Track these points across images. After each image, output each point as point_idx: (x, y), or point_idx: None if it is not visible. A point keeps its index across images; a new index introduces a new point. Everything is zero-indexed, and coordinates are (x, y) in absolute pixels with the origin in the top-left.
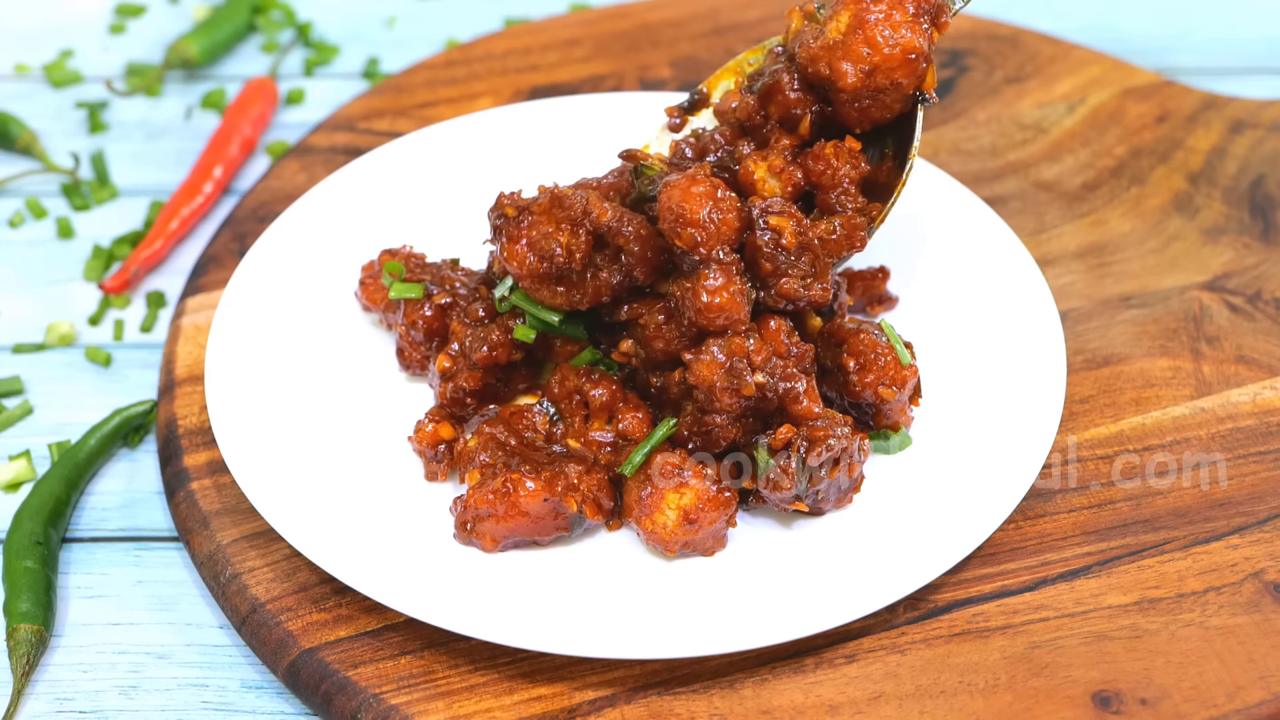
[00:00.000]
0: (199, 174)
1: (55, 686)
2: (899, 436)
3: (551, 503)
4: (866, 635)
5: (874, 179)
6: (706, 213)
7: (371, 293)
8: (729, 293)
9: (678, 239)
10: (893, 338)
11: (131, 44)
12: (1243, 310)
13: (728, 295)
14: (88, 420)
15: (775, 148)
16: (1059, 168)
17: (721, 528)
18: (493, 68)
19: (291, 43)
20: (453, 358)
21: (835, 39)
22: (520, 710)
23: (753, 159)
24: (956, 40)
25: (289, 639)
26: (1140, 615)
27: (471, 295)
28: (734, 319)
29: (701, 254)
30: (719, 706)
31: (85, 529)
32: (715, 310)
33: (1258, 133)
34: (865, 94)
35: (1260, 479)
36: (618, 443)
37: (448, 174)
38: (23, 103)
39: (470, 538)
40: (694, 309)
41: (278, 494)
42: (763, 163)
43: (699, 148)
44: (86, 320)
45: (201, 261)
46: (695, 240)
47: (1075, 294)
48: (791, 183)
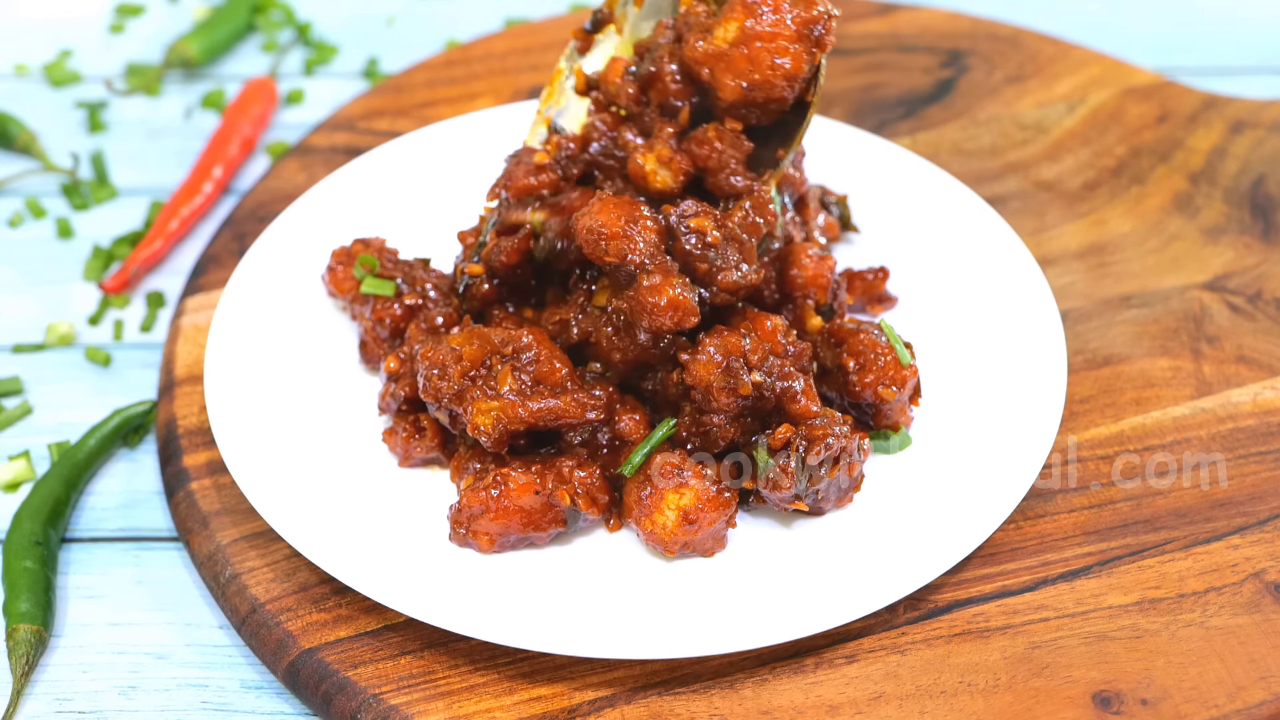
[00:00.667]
0: (199, 174)
1: (55, 686)
2: (899, 436)
3: (543, 495)
4: (866, 635)
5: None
6: (624, 224)
7: (340, 280)
8: (673, 289)
9: (605, 255)
10: (892, 338)
11: (131, 44)
12: (1243, 310)
13: (673, 292)
14: (87, 420)
15: (659, 136)
16: (1059, 168)
17: (721, 528)
18: (493, 68)
19: (291, 43)
20: (401, 361)
21: (721, 48)
22: (520, 710)
23: (641, 152)
24: (956, 40)
25: (289, 639)
26: (1141, 615)
27: (444, 301)
28: (686, 311)
29: (634, 261)
30: (719, 706)
31: (85, 529)
32: (665, 309)
33: (1258, 133)
34: (743, 106)
35: (1260, 479)
36: (615, 443)
37: (448, 174)
38: (23, 103)
39: (467, 539)
40: (645, 314)
41: (277, 494)
42: (650, 154)
43: (582, 138)
44: (86, 320)
45: (201, 261)
46: (623, 250)
47: (1075, 294)
48: (682, 171)
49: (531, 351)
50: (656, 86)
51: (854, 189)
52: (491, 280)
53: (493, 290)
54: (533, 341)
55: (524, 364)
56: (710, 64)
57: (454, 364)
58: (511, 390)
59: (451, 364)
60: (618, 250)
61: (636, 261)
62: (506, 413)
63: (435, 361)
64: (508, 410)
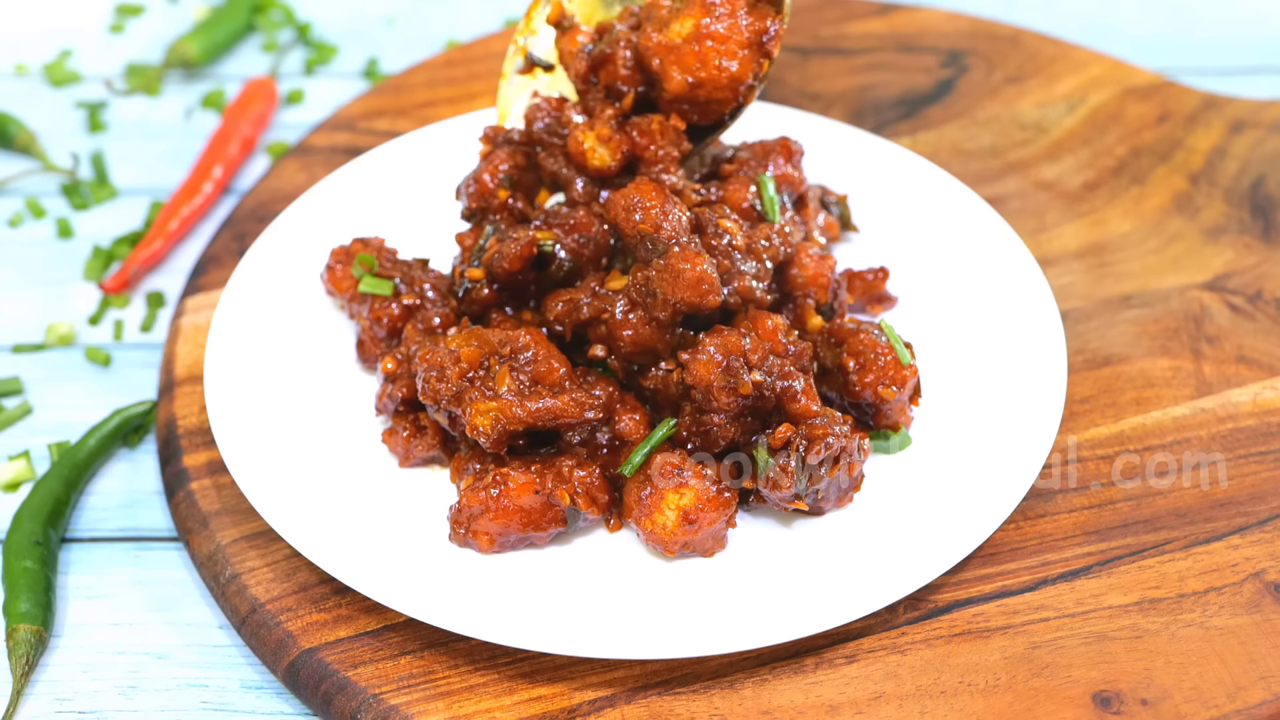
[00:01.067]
0: (199, 174)
1: (55, 686)
2: (899, 436)
3: (543, 495)
4: (866, 635)
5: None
6: (661, 200)
7: (338, 279)
8: (703, 264)
9: (641, 224)
10: (892, 338)
11: (131, 44)
12: (1243, 310)
13: (703, 266)
14: (87, 420)
15: (600, 116)
16: (1059, 168)
17: (721, 528)
18: (493, 68)
19: (291, 43)
20: (398, 362)
21: (675, 41)
22: (520, 710)
23: (581, 130)
24: (956, 40)
25: (289, 639)
26: (1141, 615)
27: (442, 301)
28: (712, 287)
29: (667, 233)
30: (719, 706)
31: (85, 529)
32: (694, 280)
33: (1258, 133)
34: (685, 100)
35: (1260, 479)
36: (615, 443)
37: (448, 174)
38: (23, 103)
39: (467, 539)
40: (672, 281)
41: (277, 494)
42: (590, 133)
43: (528, 116)
44: (86, 320)
45: (201, 261)
46: (658, 221)
47: (1075, 294)
48: (620, 150)
49: (529, 352)
50: (607, 68)
51: (854, 189)
52: (491, 285)
53: (492, 295)
54: (530, 341)
55: (522, 364)
56: (661, 55)
57: (452, 365)
58: (509, 390)
59: (450, 365)
60: (653, 220)
61: (670, 233)
62: (505, 413)
63: (434, 363)
64: (506, 410)
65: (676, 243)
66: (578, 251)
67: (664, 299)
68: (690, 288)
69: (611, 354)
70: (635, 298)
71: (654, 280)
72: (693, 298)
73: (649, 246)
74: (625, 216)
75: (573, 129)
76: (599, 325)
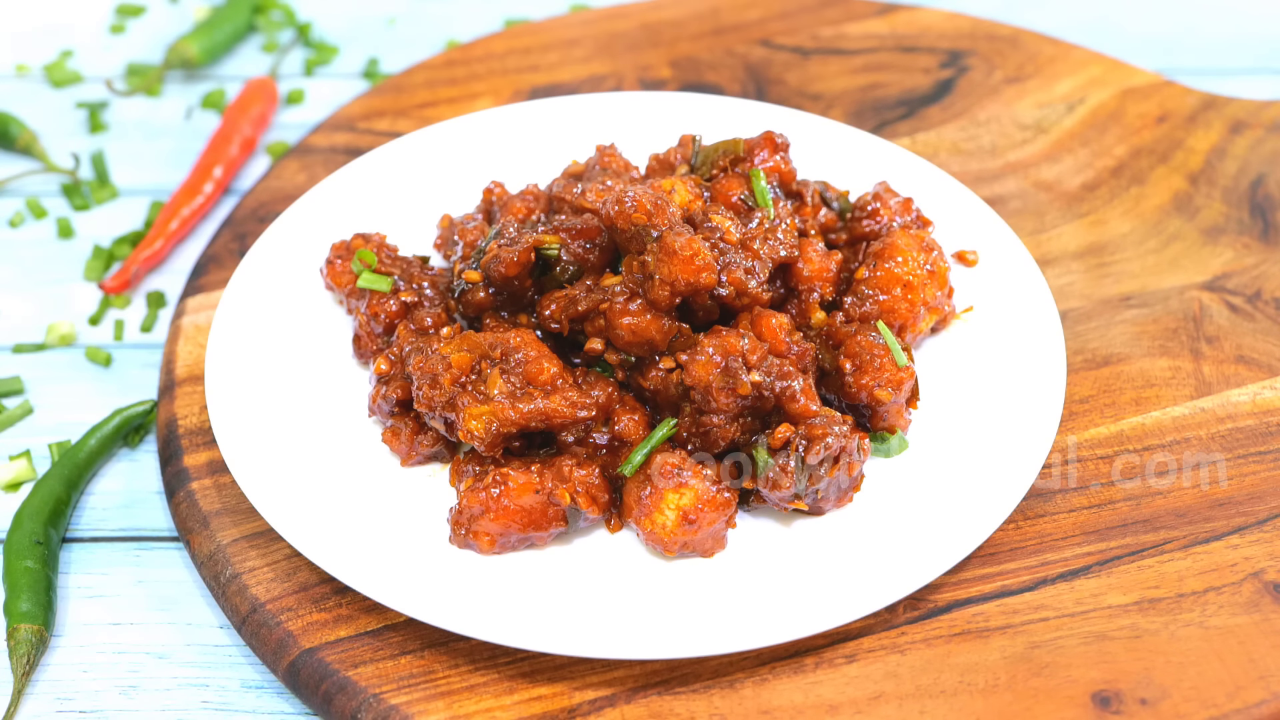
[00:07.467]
0: (199, 174)
1: (55, 686)
2: (896, 439)
3: (543, 495)
4: (866, 635)
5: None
6: (654, 196)
7: (338, 274)
8: (696, 244)
9: (633, 214)
10: (889, 339)
11: (131, 44)
12: (1243, 310)
13: (697, 245)
14: (88, 420)
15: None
16: (1059, 168)
17: (721, 528)
18: (493, 68)
19: (291, 43)
20: (391, 363)
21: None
22: (520, 710)
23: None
24: (956, 40)
25: (289, 639)
26: (1140, 615)
27: (440, 299)
28: (707, 265)
29: (658, 224)
30: (719, 706)
31: (85, 529)
32: (689, 257)
33: (1258, 133)
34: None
35: (1260, 479)
36: (615, 443)
37: (448, 174)
38: (23, 103)
39: (467, 540)
40: (668, 260)
41: (278, 494)
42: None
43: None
44: (87, 320)
45: (201, 261)
46: (649, 212)
47: (1075, 294)
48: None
49: (520, 353)
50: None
51: (854, 189)
52: (488, 289)
53: (488, 298)
54: (521, 342)
55: (513, 366)
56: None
57: (444, 372)
58: (501, 393)
59: (442, 372)
60: (644, 211)
61: (662, 223)
62: (497, 415)
63: (427, 371)
64: (498, 413)
65: (672, 229)
66: (583, 257)
67: (661, 280)
68: (686, 264)
69: (609, 347)
70: (632, 286)
71: (650, 264)
72: (689, 275)
73: (643, 236)
74: (618, 210)
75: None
76: (597, 318)
